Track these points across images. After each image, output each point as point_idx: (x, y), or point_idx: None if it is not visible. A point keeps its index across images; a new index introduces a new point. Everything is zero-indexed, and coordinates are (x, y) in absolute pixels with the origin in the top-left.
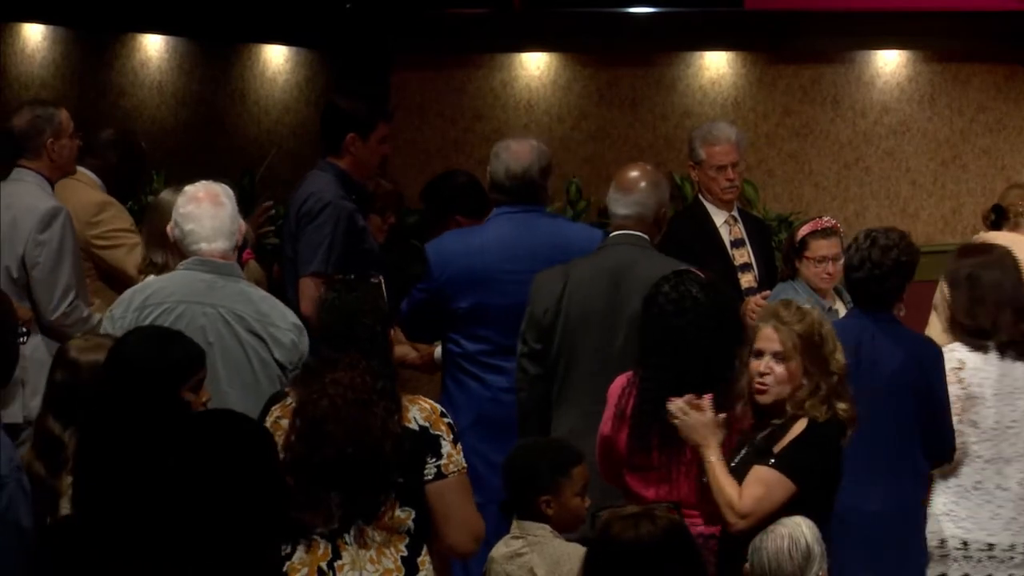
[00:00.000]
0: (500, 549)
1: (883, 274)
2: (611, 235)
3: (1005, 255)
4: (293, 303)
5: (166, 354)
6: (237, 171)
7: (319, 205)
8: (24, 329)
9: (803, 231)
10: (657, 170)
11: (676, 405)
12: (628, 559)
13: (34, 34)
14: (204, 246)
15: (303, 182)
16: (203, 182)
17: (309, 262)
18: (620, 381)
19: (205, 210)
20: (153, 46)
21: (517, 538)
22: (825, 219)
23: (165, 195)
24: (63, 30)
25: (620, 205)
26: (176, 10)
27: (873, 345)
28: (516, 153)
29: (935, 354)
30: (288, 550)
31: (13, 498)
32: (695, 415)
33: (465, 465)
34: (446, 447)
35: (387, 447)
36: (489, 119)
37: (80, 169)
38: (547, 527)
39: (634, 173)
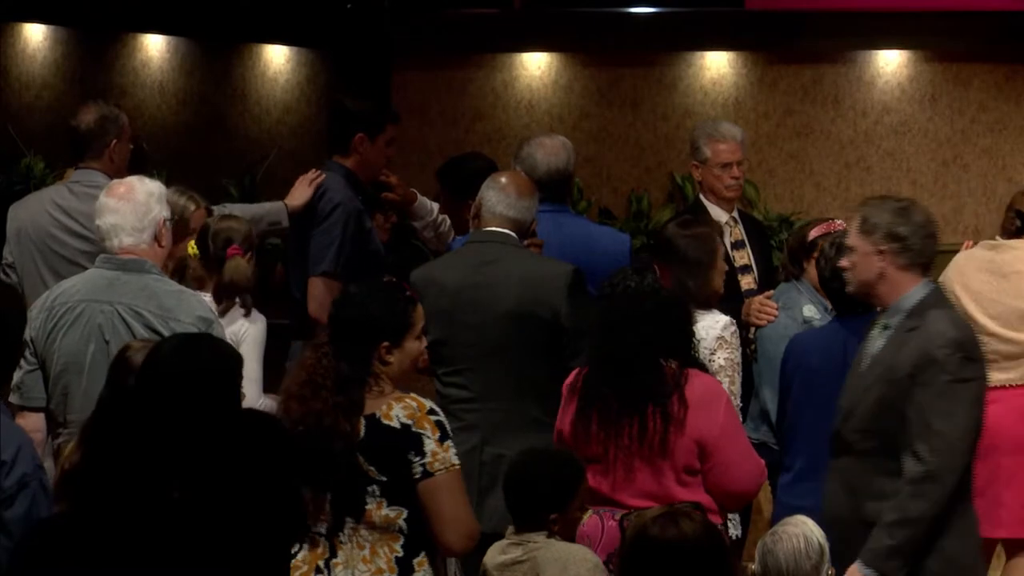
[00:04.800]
0: (496, 557)
1: (843, 283)
2: (483, 231)
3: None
4: (299, 302)
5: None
6: (238, 171)
7: (329, 206)
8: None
9: (814, 232)
10: None
11: None
12: (673, 557)
13: (35, 34)
14: (107, 242)
15: None
16: (133, 177)
17: (319, 262)
18: (574, 374)
19: (110, 205)
20: (154, 46)
21: (515, 545)
22: (837, 222)
23: (169, 196)
24: (64, 30)
25: (511, 208)
26: (177, 10)
27: (859, 346)
28: (552, 149)
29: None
30: (297, 548)
31: (36, 497)
32: None
33: (456, 463)
34: (430, 445)
35: (336, 444)
36: (490, 119)
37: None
38: (545, 532)
39: (524, 182)
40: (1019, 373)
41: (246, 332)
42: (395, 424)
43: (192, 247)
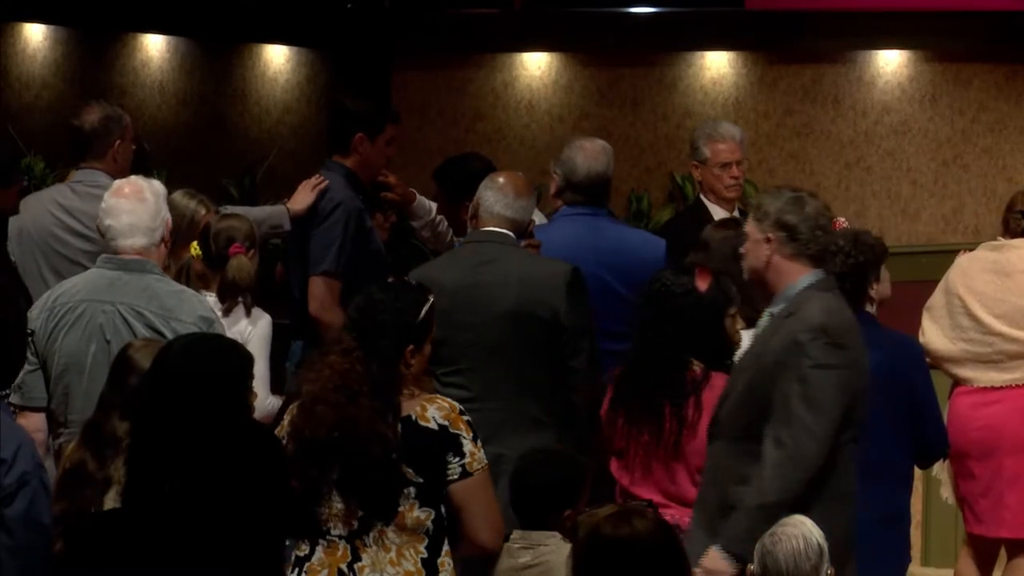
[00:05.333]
0: (504, 561)
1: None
2: (480, 231)
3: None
4: (299, 302)
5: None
6: (238, 171)
7: (330, 205)
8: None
9: None
10: None
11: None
12: (626, 556)
13: (35, 34)
14: (120, 242)
15: None
16: (134, 176)
17: (320, 262)
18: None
19: (123, 206)
20: (154, 46)
21: (525, 548)
22: (840, 220)
23: (175, 197)
24: (64, 30)
25: (508, 208)
26: (177, 10)
27: None
28: (593, 153)
29: (915, 353)
30: (306, 551)
31: (36, 495)
32: None
33: (487, 462)
34: (467, 445)
35: (375, 449)
36: (490, 119)
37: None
38: (557, 535)
39: (522, 182)
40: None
41: (251, 332)
42: (432, 425)
43: (195, 247)
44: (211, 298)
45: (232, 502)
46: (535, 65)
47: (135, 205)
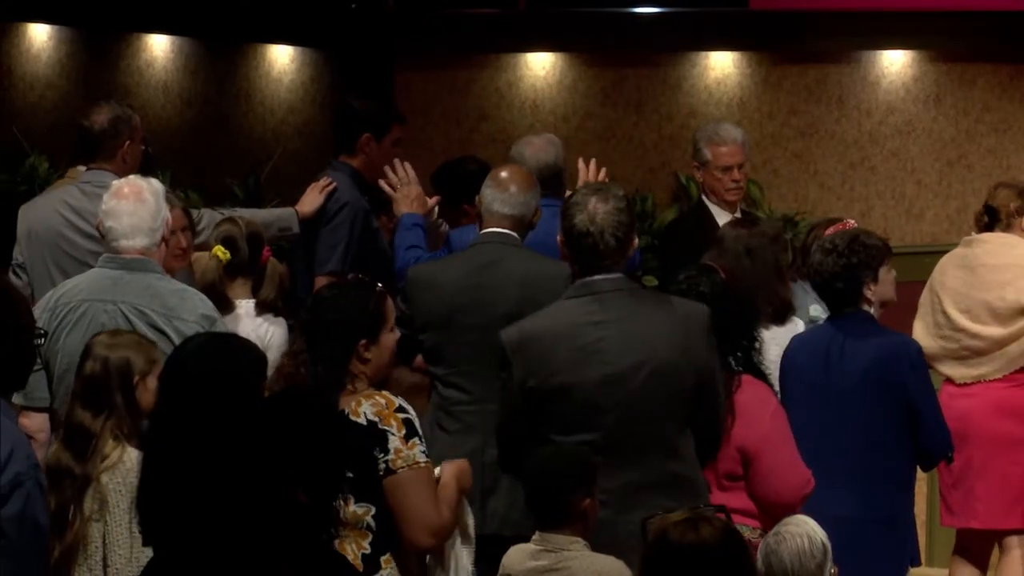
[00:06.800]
0: (524, 563)
1: (825, 281)
2: (483, 232)
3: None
4: (304, 303)
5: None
6: (242, 171)
7: (336, 205)
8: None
9: (828, 233)
10: None
11: None
12: (692, 563)
13: (39, 34)
14: (123, 243)
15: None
16: (132, 176)
17: (326, 262)
18: None
19: (124, 207)
20: (158, 46)
21: (546, 552)
22: (849, 221)
23: None
24: (68, 30)
25: (506, 205)
26: (181, 10)
27: (843, 347)
28: (540, 146)
29: (911, 352)
30: None
31: (31, 495)
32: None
33: (421, 461)
34: (394, 442)
35: None
36: (494, 119)
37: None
38: (580, 540)
39: (522, 175)
40: (991, 367)
41: (271, 336)
42: (362, 421)
43: (223, 252)
44: (249, 303)
45: (243, 509)
46: (539, 65)
47: (136, 206)
